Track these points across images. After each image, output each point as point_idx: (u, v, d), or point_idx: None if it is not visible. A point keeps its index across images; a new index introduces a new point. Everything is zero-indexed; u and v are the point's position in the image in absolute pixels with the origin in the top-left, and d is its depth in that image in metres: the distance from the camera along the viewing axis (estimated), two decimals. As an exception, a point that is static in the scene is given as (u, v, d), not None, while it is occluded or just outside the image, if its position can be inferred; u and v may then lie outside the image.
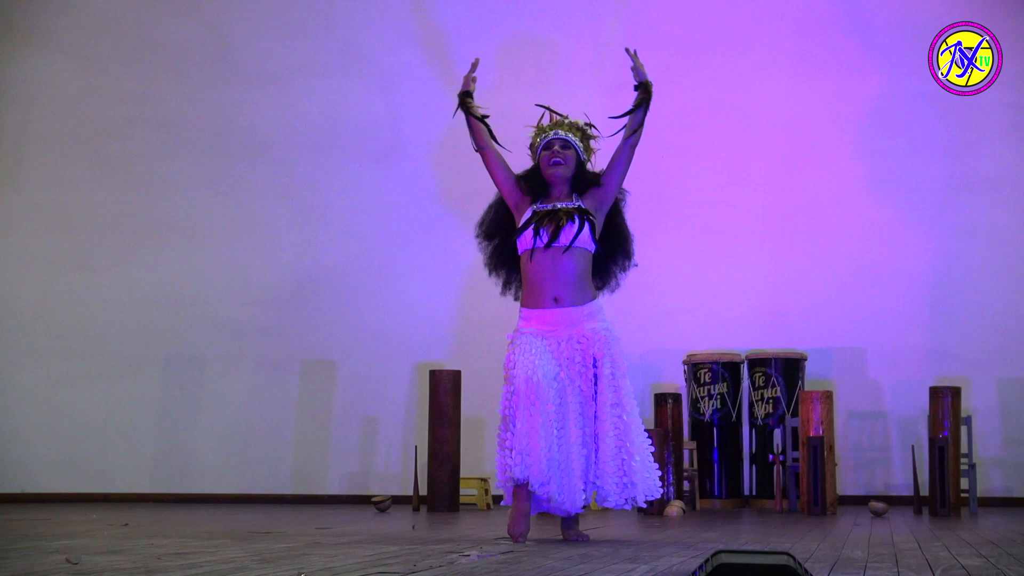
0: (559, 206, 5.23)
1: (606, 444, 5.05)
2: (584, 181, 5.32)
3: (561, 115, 5.39)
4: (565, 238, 5.15)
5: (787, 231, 10.05)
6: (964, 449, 8.51)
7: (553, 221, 5.18)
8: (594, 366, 5.11)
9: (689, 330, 9.87)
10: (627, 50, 5.42)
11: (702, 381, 9.47)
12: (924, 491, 8.37)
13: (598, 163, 5.47)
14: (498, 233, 5.43)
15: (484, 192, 5.53)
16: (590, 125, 5.42)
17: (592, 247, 5.22)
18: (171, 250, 10.48)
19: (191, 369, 10.42)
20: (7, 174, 10.64)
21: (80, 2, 10.78)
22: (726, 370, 9.48)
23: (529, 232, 5.19)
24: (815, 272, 9.94)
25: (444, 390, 8.80)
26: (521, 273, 5.30)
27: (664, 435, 8.58)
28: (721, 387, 9.44)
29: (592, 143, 5.41)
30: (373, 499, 8.45)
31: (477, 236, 5.49)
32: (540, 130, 5.37)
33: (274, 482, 10.19)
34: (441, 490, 8.60)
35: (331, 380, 10.35)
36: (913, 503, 8.50)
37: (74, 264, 10.49)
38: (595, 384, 5.10)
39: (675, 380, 9.78)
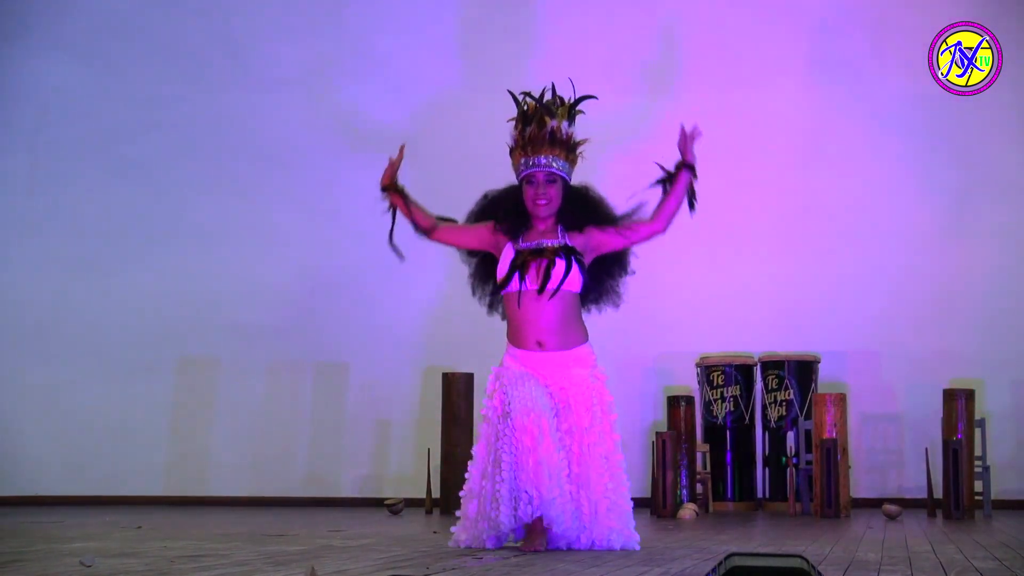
0: (545, 244, 4.82)
1: (596, 492, 4.72)
2: (573, 213, 4.87)
3: (540, 102, 4.91)
4: (552, 282, 4.76)
5: (800, 233, 10.03)
6: (978, 451, 8.48)
7: (539, 262, 4.77)
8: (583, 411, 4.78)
9: (702, 332, 9.85)
10: (683, 128, 4.95)
11: (715, 384, 9.45)
12: (938, 493, 8.35)
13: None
14: (477, 255, 5.07)
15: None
16: (577, 103, 4.95)
17: (579, 287, 4.83)
18: (184, 253, 10.49)
19: (204, 372, 10.43)
20: (21, 178, 10.66)
21: (93, 5, 10.79)
22: (739, 373, 9.46)
23: (515, 279, 4.80)
24: (828, 274, 9.92)
25: (457, 393, 8.81)
26: (504, 308, 4.97)
27: (677, 438, 8.57)
28: (734, 390, 9.43)
29: (578, 150, 4.90)
30: (386, 502, 8.46)
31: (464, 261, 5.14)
32: (521, 150, 4.87)
33: (287, 485, 10.19)
34: (454, 493, 8.58)
35: (344, 383, 10.36)
36: (927, 506, 8.48)
37: (87, 267, 10.50)
38: (580, 433, 4.75)
39: (688, 383, 9.76)
